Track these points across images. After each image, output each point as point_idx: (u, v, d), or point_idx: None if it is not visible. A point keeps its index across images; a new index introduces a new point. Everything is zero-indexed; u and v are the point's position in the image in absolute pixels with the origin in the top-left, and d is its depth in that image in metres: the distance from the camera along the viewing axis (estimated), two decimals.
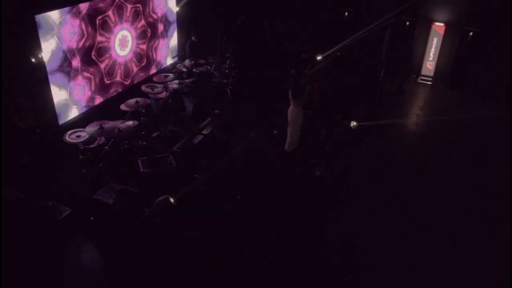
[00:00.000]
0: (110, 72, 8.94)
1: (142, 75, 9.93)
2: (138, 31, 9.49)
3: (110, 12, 8.45)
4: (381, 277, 5.71)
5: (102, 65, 8.63)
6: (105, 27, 8.43)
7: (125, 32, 9.05)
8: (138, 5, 9.27)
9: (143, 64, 9.95)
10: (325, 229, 6.39)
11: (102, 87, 8.79)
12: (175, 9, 10.57)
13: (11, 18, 6.58)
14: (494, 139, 9.27)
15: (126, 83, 9.46)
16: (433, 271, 5.92)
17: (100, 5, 8.14)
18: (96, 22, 8.17)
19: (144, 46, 9.79)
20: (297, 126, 7.81)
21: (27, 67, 7.00)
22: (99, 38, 8.33)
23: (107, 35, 8.53)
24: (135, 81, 9.69)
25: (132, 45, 9.37)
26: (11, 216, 5.72)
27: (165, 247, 5.59)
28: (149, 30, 9.82)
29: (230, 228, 5.91)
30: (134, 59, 9.58)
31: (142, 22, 9.55)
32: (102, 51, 8.53)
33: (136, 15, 9.28)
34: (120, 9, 8.73)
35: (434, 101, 11.24)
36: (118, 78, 9.22)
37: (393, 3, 11.15)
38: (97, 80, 8.61)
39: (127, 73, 9.45)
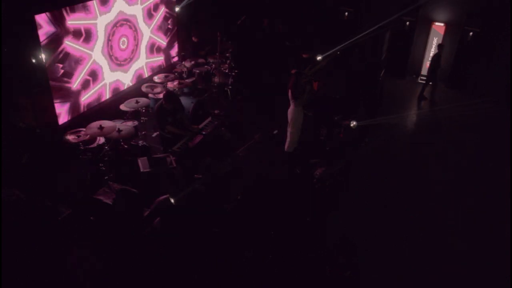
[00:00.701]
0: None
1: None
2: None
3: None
4: (381, 276, 5.71)
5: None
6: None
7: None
8: None
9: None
10: (325, 229, 6.39)
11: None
12: (176, 8, 10.57)
13: (11, 18, 6.58)
14: (494, 139, 9.27)
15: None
16: (433, 271, 5.92)
17: None
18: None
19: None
20: (297, 126, 7.81)
21: (27, 67, 7.00)
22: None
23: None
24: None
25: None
26: (11, 216, 5.72)
27: (165, 247, 5.58)
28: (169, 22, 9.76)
29: (230, 228, 5.91)
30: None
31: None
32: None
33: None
34: None
35: (434, 101, 11.24)
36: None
37: (393, 3, 11.16)
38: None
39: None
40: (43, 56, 7.01)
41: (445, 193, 7.60)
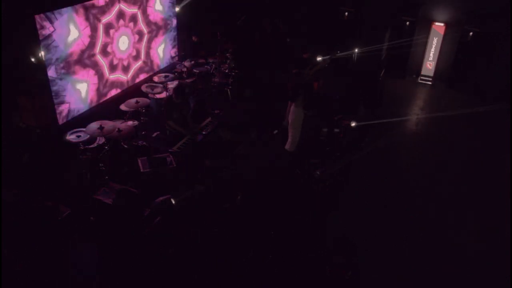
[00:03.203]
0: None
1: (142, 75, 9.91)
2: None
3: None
4: (381, 276, 5.71)
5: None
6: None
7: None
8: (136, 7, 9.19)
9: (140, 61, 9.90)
10: (325, 229, 6.39)
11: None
12: (176, 8, 10.57)
13: (11, 18, 6.58)
14: (494, 138, 9.27)
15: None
16: (433, 271, 5.92)
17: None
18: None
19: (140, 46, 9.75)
20: (298, 126, 7.80)
21: (27, 67, 7.00)
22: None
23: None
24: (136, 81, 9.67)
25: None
26: (11, 216, 5.72)
27: (165, 247, 5.58)
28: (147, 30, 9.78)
29: (230, 228, 5.91)
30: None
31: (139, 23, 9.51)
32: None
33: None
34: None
35: (434, 101, 11.25)
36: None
37: (393, 3, 11.16)
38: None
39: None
40: (42, 55, 7.01)
41: (445, 193, 7.60)
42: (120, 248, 5.65)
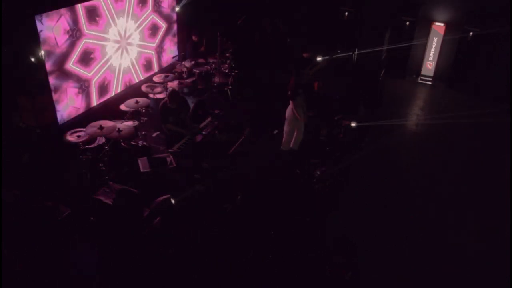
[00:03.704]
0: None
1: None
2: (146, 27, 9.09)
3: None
4: (381, 276, 5.71)
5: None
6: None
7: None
8: None
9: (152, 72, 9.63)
10: (325, 229, 6.39)
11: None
12: (176, 8, 10.56)
13: (11, 18, 6.58)
14: (494, 139, 9.27)
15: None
16: (433, 271, 5.93)
17: None
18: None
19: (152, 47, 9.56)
20: (293, 125, 7.80)
21: (27, 67, 7.00)
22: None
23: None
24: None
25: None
26: (11, 216, 5.72)
27: (165, 247, 5.58)
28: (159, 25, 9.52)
29: (230, 228, 5.91)
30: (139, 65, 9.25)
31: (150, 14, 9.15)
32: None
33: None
34: None
35: (434, 101, 11.25)
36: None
37: (393, 3, 11.16)
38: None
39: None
40: (42, 54, 7.00)
41: (445, 193, 7.60)
42: (120, 248, 5.66)
